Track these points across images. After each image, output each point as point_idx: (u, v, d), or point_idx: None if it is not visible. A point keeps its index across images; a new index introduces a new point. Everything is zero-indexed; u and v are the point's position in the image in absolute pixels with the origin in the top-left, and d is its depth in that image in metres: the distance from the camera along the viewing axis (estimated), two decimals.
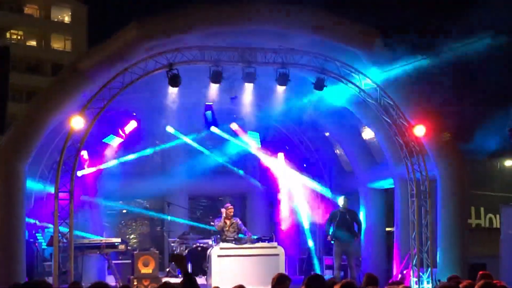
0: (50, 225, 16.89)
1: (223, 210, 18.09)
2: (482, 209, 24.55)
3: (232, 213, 18.19)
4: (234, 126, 21.03)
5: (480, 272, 11.10)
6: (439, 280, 15.38)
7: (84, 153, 19.04)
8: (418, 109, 16.83)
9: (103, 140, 19.79)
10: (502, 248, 17.10)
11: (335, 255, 17.98)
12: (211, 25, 15.62)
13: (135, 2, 76.23)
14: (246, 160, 22.16)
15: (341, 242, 17.83)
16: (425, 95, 17.23)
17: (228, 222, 18.05)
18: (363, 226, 19.36)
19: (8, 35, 56.18)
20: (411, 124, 16.52)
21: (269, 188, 22.25)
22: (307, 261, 20.77)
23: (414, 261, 16.76)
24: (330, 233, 18.14)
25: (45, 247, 17.70)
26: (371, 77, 16.62)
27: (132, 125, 19.63)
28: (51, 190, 16.16)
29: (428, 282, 16.37)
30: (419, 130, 16.35)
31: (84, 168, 19.24)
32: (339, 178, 21.71)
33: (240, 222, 18.31)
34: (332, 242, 17.98)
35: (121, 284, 16.23)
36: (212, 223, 18.87)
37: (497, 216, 22.18)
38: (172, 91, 16.47)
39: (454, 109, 16.68)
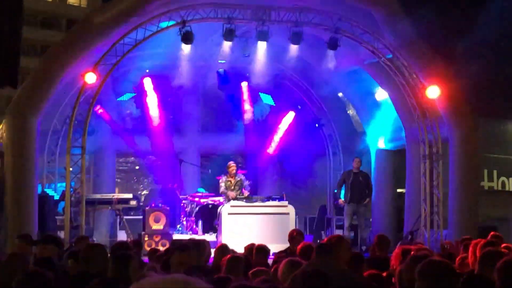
0: None
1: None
2: (495, 171, 24.45)
3: (234, 171, 18.20)
4: (244, 84, 20.93)
5: (492, 233, 11.09)
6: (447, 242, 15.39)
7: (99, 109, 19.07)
8: (432, 70, 16.70)
9: (118, 99, 19.89)
10: None
11: (345, 215, 18.03)
12: None
13: None
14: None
15: (353, 202, 17.86)
16: (439, 56, 17.08)
17: (232, 180, 18.09)
18: (374, 188, 19.35)
19: None
20: (425, 85, 16.42)
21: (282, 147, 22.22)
22: (317, 221, 20.81)
23: (425, 223, 16.80)
24: (342, 196, 18.14)
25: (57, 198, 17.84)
26: (385, 37, 16.50)
27: (148, 83, 19.73)
28: None
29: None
30: (433, 92, 16.23)
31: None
32: (350, 139, 21.66)
33: (243, 178, 18.29)
34: (346, 204, 17.99)
35: (132, 239, 16.34)
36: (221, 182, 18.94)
37: (510, 179, 22.08)
38: (185, 48, 16.40)
39: (469, 70, 16.50)
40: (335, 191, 19.39)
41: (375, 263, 8.56)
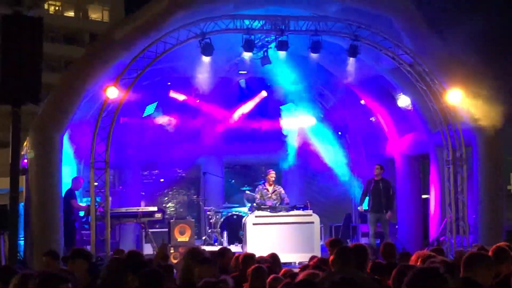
0: None
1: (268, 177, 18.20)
2: None
3: (273, 179, 18.19)
4: (263, 93, 20.93)
5: None
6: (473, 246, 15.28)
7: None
8: (453, 74, 16.62)
9: (143, 115, 19.99)
10: None
11: (369, 223, 17.98)
12: None
13: None
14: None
15: (374, 211, 17.81)
16: (460, 60, 16.98)
17: (270, 189, 18.05)
18: (399, 194, 19.26)
19: (46, 6, 56.45)
20: (446, 90, 16.36)
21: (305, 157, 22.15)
22: (342, 229, 20.74)
23: (450, 228, 16.69)
24: (366, 206, 18.04)
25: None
26: (404, 43, 16.47)
27: (175, 94, 19.93)
28: None
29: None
30: (454, 96, 16.17)
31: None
32: (374, 146, 21.57)
33: (283, 192, 18.20)
34: (369, 212, 17.94)
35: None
36: (247, 192, 18.95)
37: None
38: (205, 60, 16.47)
39: (490, 73, 16.37)
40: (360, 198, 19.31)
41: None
